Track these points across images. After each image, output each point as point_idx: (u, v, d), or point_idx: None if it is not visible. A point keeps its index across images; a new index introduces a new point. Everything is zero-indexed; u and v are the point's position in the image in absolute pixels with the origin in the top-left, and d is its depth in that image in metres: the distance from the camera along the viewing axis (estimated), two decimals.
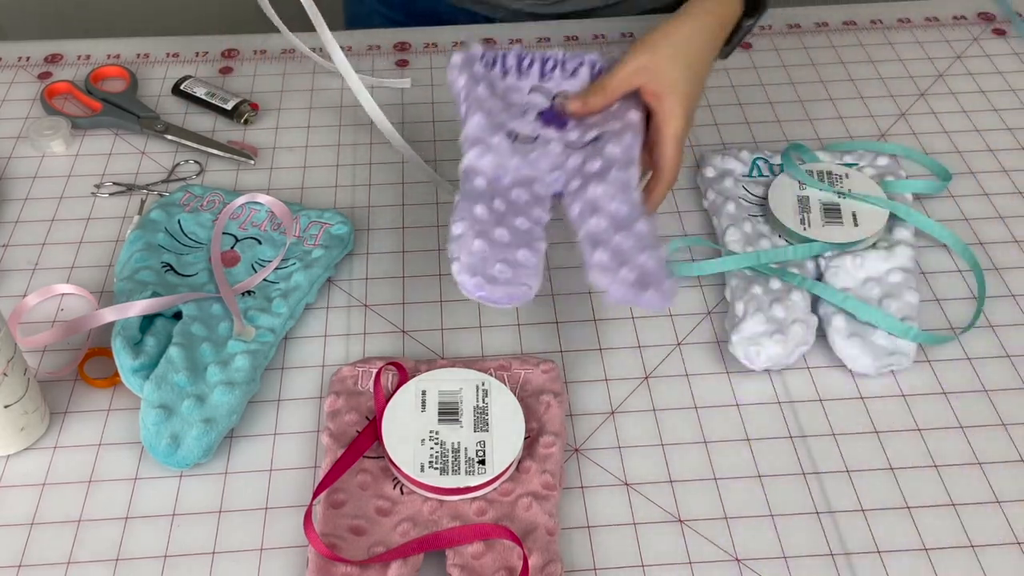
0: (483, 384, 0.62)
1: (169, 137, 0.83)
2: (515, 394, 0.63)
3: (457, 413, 0.61)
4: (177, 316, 0.67)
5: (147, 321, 0.66)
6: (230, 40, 0.95)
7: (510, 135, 0.66)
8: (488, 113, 0.66)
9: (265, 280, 0.70)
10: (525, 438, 0.60)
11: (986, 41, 0.94)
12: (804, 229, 0.72)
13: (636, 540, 0.58)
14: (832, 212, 0.73)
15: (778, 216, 0.73)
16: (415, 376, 0.63)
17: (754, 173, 0.78)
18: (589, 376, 0.66)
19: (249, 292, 0.69)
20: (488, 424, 0.60)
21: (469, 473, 0.58)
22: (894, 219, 0.73)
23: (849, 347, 0.65)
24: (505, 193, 0.63)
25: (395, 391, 0.62)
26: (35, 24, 1.83)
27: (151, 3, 1.72)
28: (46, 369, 0.67)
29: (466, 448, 0.59)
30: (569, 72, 0.71)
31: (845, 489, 0.60)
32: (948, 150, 0.82)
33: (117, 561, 0.57)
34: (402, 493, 0.59)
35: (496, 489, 0.59)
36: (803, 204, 0.74)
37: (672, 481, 0.61)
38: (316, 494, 0.57)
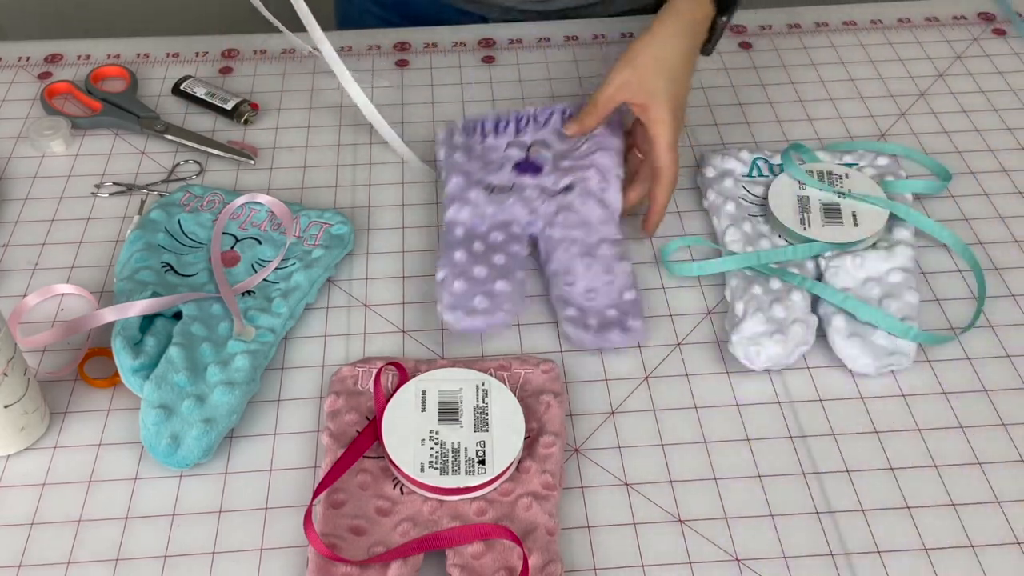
0: (483, 384, 0.62)
1: (169, 137, 0.83)
2: (515, 394, 0.63)
3: (457, 413, 0.61)
4: (177, 316, 0.67)
5: (147, 321, 0.66)
6: (230, 40, 0.94)
7: (487, 188, 0.73)
8: (465, 174, 0.74)
9: (265, 280, 0.70)
10: (525, 438, 0.60)
11: (986, 41, 0.94)
12: (804, 229, 0.72)
13: (636, 540, 0.58)
14: (832, 212, 0.73)
15: (778, 216, 0.73)
16: (415, 376, 0.63)
17: (754, 173, 0.78)
18: (589, 376, 0.66)
19: (249, 292, 0.69)
20: (488, 424, 0.60)
21: (469, 473, 0.58)
22: (894, 219, 0.73)
23: (849, 347, 0.65)
24: (483, 237, 0.70)
25: (395, 391, 0.62)
26: (35, 24, 1.83)
27: (151, 3, 1.72)
28: (46, 369, 0.67)
29: (466, 448, 0.59)
30: (542, 123, 0.78)
31: (845, 489, 0.60)
32: (948, 150, 0.82)
33: (117, 561, 0.57)
34: (402, 493, 0.59)
35: (496, 489, 0.59)
36: (803, 204, 0.74)
37: (672, 481, 0.61)
38: (316, 494, 0.57)
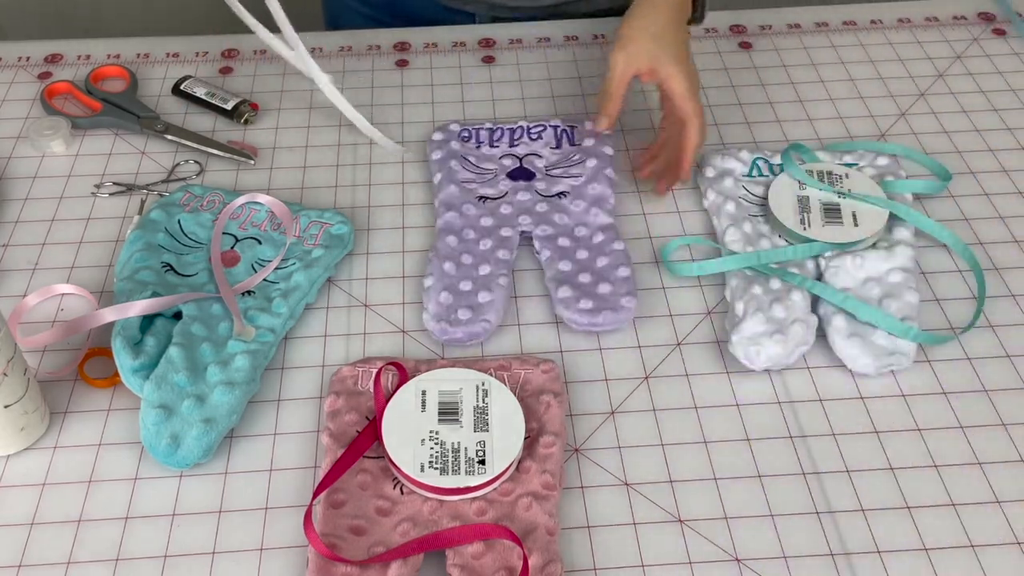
0: (483, 384, 0.62)
1: (169, 137, 0.83)
2: (515, 394, 0.63)
3: (457, 413, 0.61)
4: (177, 316, 0.67)
5: (147, 321, 0.66)
6: (230, 40, 0.94)
7: (481, 199, 0.75)
8: (460, 184, 0.76)
9: (265, 280, 0.70)
10: (525, 438, 0.60)
11: (986, 41, 0.94)
12: (804, 229, 0.72)
13: (636, 540, 0.58)
14: (832, 212, 0.73)
15: (778, 216, 0.73)
16: (415, 376, 0.63)
17: (754, 173, 0.78)
18: (589, 376, 0.66)
19: (249, 292, 0.69)
20: (488, 424, 0.60)
21: (469, 473, 0.58)
22: (894, 219, 0.73)
23: (849, 347, 0.65)
24: (472, 247, 0.72)
25: (395, 391, 0.62)
26: (35, 24, 1.83)
27: (151, 3, 1.72)
28: (46, 369, 0.67)
29: (466, 448, 0.59)
30: (535, 136, 0.81)
31: (845, 489, 0.60)
32: (948, 150, 0.82)
33: (117, 561, 0.57)
34: (402, 493, 0.59)
35: (496, 489, 0.59)
36: (803, 204, 0.74)
37: (672, 481, 0.61)
38: (316, 494, 0.57)
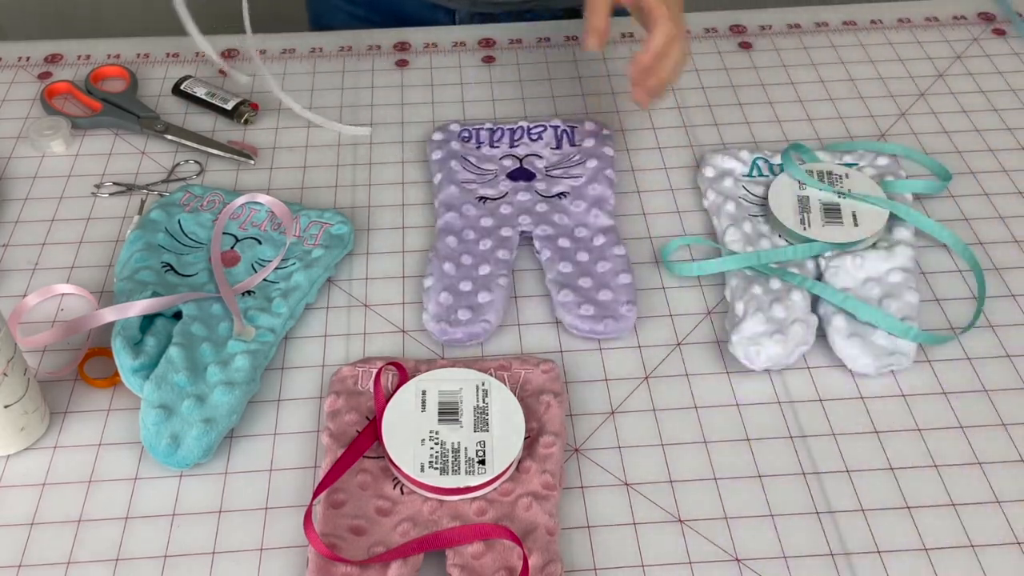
0: (483, 384, 0.62)
1: (169, 137, 0.83)
2: (515, 394, 0.63)
3: (457, 413, 0.61)
4: (177, 316, 0.67)
5: (147, 321, 0.66)
6: (230, 40, 0.94)
7: (481, 199, 0.75)
8: (460, 184, 0.76)
9: (265, 280, 0.70)
10: (525, 438, 0.60)
11: (986, 41, 0.94)
12: (804, 229, 0.72)
13: (636, 540, 0.58)
14: (832, 212, 0.73)
15: (778, 216, 0.73)
16: (415, 376, 0.63)
17: (754, 173, 0.78)
18: (589, 376, 0.66)
19: (249, 292, 0.69)
20: (488, 424, 0.60)
21: (469, 473, 0.58)
22: (894, 219, 0.73)
23: (849, 347, 0.65)
24: (472, 247, 0.72)
25: (395, 391, 0.62)
26: (35, 24, 1.83)
27: (151, 3, 1.72)
28: (46, 369, 0.67)
29: (466, 448, 0.59)
30: (535, 137, 0.81)
31: (845, 489, 0.60)
32: (948, 150, 0.82)
33: (117, 561, 0.57)
34: (402, 493, 0.59)
35: (496, 489, 0.59)
36: (803, 204, 0.74)
37: (672, 481, 0.61)
38: (316, 494, 0.57)
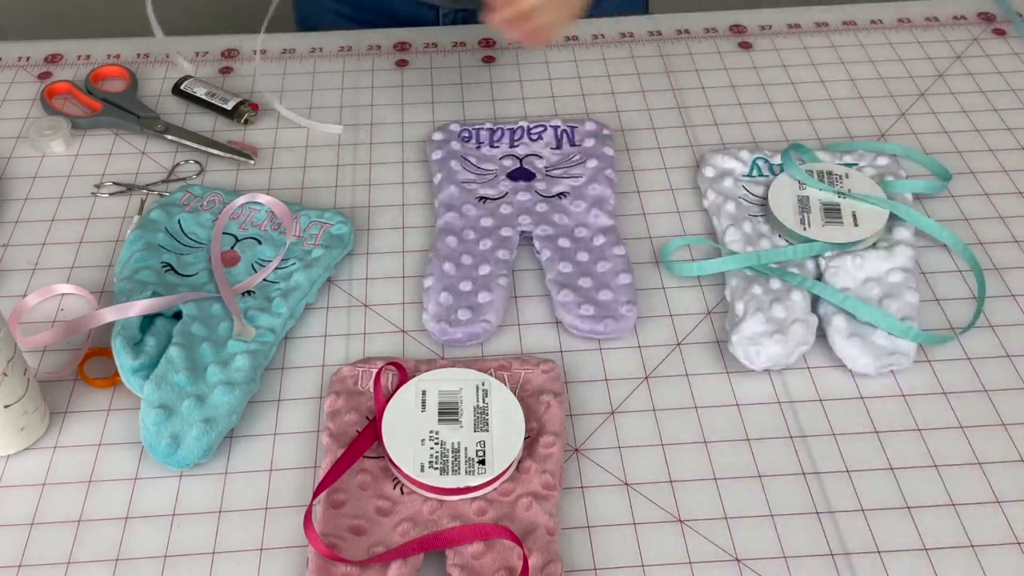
0: (483, 384, 0.62)
1: (169, 137, 0.83)
2: (515, 394, 0.63)
3: (457, 413, 0.61)
4: (177, 316, 0.67)
5: (147, 321, 0.66)
6: (230, 40, 0.94)
7: (481, 199, 0.75)
8: (460, 184, 0.76)
9: (265, 280, 0.70)
10: (525, 438, 0.60)
11: (986, 41, 0.94)
12: (804, 229, 0.72)
13: (636, 540, 0.58)
14: (832, 212, 0.73)
15: (778, 216, 0.73)
16: (415, 376, 0.63)
17: (754, 173, 0.78)
18: (589, 376, 0.66)
19: (249, 292, 0.69)
20: (488, 424, 0.60)
21: (469, 473, 0.58)
22: (894, 219, 0.73)
23: (849, 347, 0.65)
24: (472, 247, 0.72)
25: (395, 391, 0.62)
26: (35, 24, 1.83)
27: (151, 3, 1.72)
28: (46, 369, 0.67)
29: (466, 448, 0.59)
30: (535, 137, 0.81)
31: (845, 489, 0.60)
32: (948, 150, 0.82)
33: (117, 561, 0.57)
34: (402, 493, 0.59)
35: (496, 489, 0.59)
36: (803, 204, 0.74)
37: (672, 481, 0.61)
38: (316, 494, 0.57)
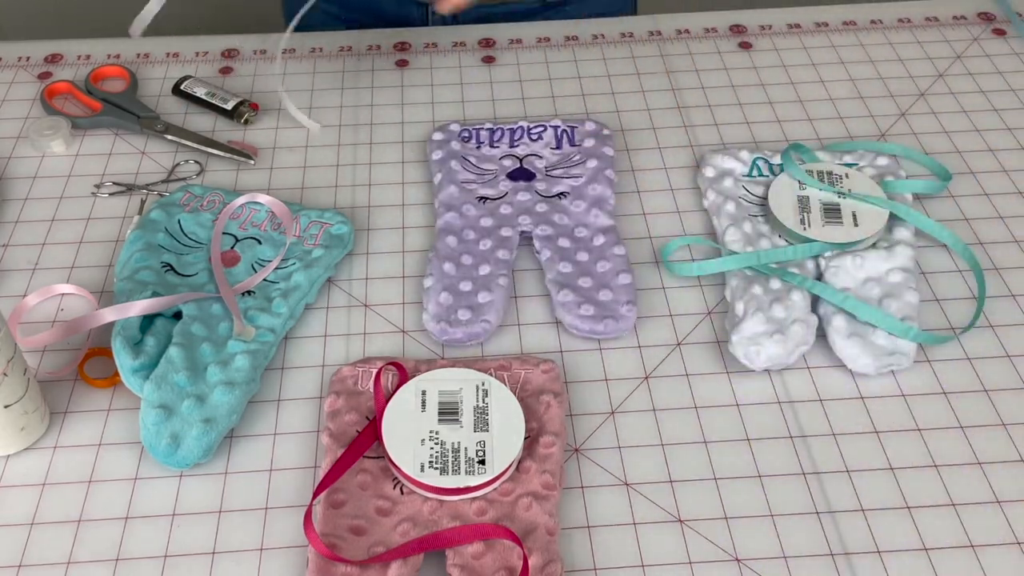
0: (483, 384, 0.62)
1: (169, 137, 0.83)
2: (515, 394, 0.63)
3: (457, 413, 0.61)
4: (177, 316, 0.67)
5: (147, 321, 0.66)
6: (230, 40, 0.95)
7: (481, 199, 0.75)
8: (460, 184, 0.76)
9: (265, 280, 0.70)
10: (525, 438, 0.60)
11: (986, 41, 0.94)
12: (804, 229, 0.72)
13: (636, 540, 0.58)
14: (832, 212, 0.73)
15: (778, 216, 0.73)
16: (415, 376, 0.63)
17: (754, 173, 0.78)
18: (589, 376, 0.66)
19: (249, 292, 0.69)
20: (488, 424, 0.60)
21: (469, 473, 0.58)
22: (894, 219, 0.73)
23: (849, 347, 0.65)
24: (472, 247, 0.72)
25: (395, 391, 0.62)
26: (35, 24, 1.83)
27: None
28: (46, 369, 0.67)
29: (466, 448, 0.59)
30: (535, 137, 0.80)
31: (845, 489, 0.60)
32: (948, 150, 0.82)
33: (117, 561, 0.57)
34: (402, 493, 0.59)
35: (496, 489, 0.59)
36: (803, 204, 0.74)
37: (672, 481, 0.61)
38: (316, 494, 0.57)
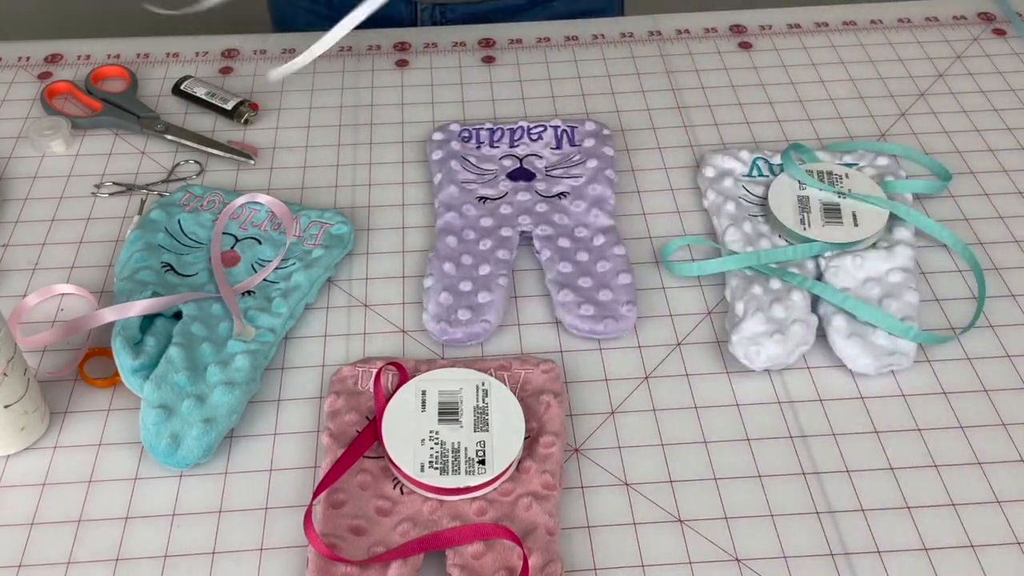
0: (483, 384, 0.62)
1: (169, 137, 0.83)
2: (515, 394, 0.63)
3: (457, 413, 0.61)
4: (177, 316, 0.67)
5: (147, 321, 0.66)
6: (230, 40, 0.95)
7: (481, 199, 0.75)
8: (460, 184, 0.76)
9: (265, 280, 0.70)
10: (525, 438, 0.60)
11: (986, 41, 0.94)
12: (804, 229, 0.72)
13: (636, 540, 0.58)
14: (832, 212, 0.73)
15: (778, 216, 0.73)
16: (415, 376, 0.63)
17: (754, 173, 0.78)
18: (589, 376, 0.66)
19: (249, 292, 0.69)
20: (488, 424, 0.60)
21: (469, 473, 0.58)
22: (894, 219, 0.73)
23: (849, 347, 0.65)
24: (472, 247, 0.72)
25: (395, 391, 0.62)
26: (35, 24, 1.83)
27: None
28: (46, 369, 0.67)
29: (466, 448, 0.59)
30: (535, 137, 0.80)
31: (845, 489, 0.60)
32: (948, 150, 0.82)
33: (117, 561, 0.57)
34: (402, 493, 0.59)
35: (496, 489, 0.59)
36: (803, 204, 0.74)
37: (672, 481, 0.61)
38: (316, 494, 0.57)
